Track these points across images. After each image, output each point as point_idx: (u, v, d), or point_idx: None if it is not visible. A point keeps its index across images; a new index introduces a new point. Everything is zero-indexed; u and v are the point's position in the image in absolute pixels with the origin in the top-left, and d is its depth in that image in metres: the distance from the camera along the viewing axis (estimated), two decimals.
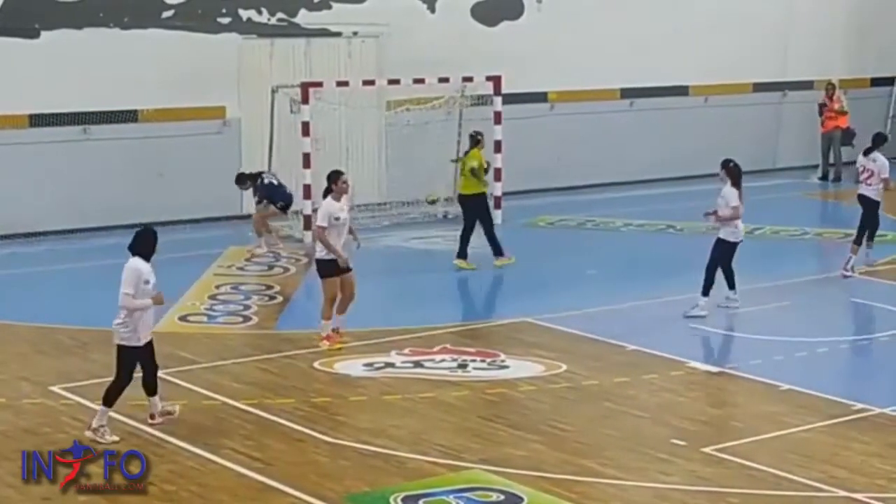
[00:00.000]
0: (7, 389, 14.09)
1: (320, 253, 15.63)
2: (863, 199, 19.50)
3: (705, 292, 17.12)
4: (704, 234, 21.95)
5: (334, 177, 15.63)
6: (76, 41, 22.44)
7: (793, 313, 17.53)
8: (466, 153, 20.35)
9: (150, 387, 12.71)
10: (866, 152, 19.66)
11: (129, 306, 12.29)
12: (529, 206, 24.40)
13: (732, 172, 17.15)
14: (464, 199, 20.29)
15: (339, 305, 15.70)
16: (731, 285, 17.36)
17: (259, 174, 21.64)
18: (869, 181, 19.41)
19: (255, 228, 21.45)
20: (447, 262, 20.22)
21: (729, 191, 17.04)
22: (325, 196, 15.68)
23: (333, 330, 15.70)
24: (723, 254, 17.18)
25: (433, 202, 23.94)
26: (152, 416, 12.76)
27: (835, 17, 30.04)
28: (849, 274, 19.12)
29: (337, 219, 15.43)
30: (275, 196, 21.30)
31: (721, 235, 17.20)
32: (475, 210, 20.08)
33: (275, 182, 21.49)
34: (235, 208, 23.06)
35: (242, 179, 21.68)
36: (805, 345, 15.85)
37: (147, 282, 12.34)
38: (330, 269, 15.53)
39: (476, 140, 20.37)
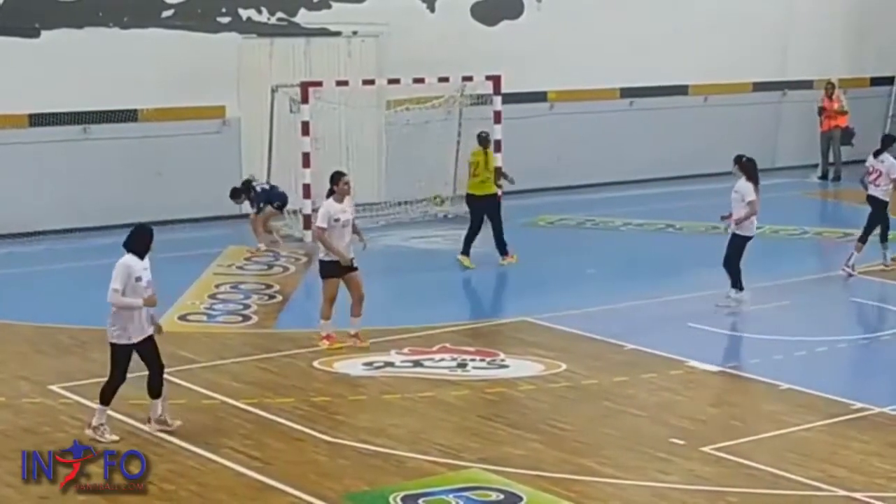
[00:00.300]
0: (6, 388, 14.09)
1: (321, 254, 15.61)
2: (872, 199, 19.62)
3: (739, 287, 17.20)
4: (704, 233, 22.04)
5: (336, 178, 15.58)
6: (76, 41, 22.45)
7: (792, 312, 17.53)
8: (486, 153, 20.24)
9: (152, 389, 12.54)
10: (876, 154, 19.79)
11: (117, 303, 12.18)
12: (529, 206, 24.39)
13: (746, 167, 17.18)
14: (475, 199, 20.21)
15: (353, 308, 15.57)
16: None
17: (248, 183, 21.51)
18: (877, 182, 19.53)
19: (254, 229, 21.42)
20: (447, 261, 20.22)
21: (744, 185, 17.06)
22: (328, 197, 15.64)
23: (353, 335, 15.59)
24: (735, 249, 17.18)
25: (441, 203, 23.82)
26: (149, 420, 12.66)
27: (834, 17, 30.04)
28: (849, 271, 19.13)
29: (336, 220, 15.38)
30: (272, 198, 21.32)
31: (736, 230, 17.19)
32: (486, 210, 20.06)
33: (266, 186, 21.49)
34: (235, 208, 23.00)
35: (237, 194, 21.54)
36: (804, 344, 15.85)
37: (139, 279, 12.21)
38: (331, 270, 15.50)
39: (489, 140, 20.43)
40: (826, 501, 11.22)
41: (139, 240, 12.40)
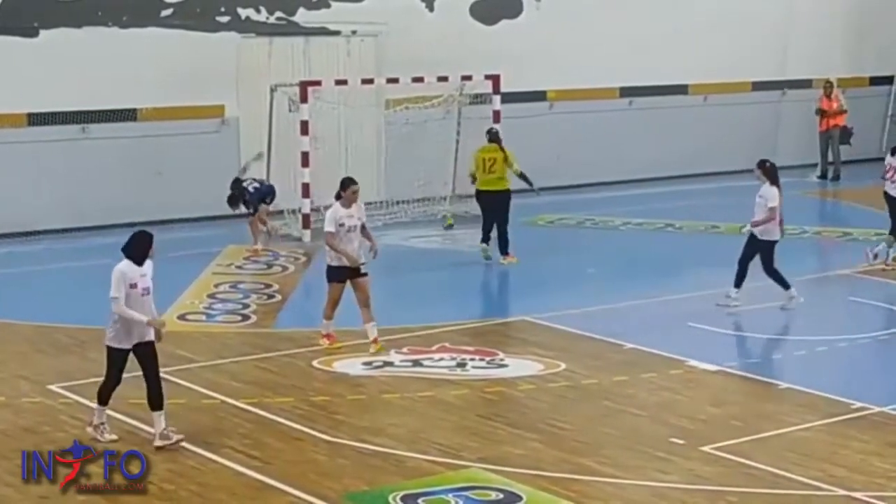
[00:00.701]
0: (6, 388, 14.09)
1: (329, 258, 15.51)
2: (888, 197, 19.73)
3: (785, 286, 17.25)
4: (703, 232, 22.05)
5: (345, 185, 15.45)
6: (75, 40, 22.44)
7: (792, 312, 17.50)
8: (503, 150, 20.21)
9: (151, 401, 12.23)
10: (893, 152, 19.97)
11: (118, 312, 12.01)
12: (528, 205, 24.32)
13: (769, 171, 17.27)
14: (486, 195, 20.18)
15: (363, 314, 15.40)
16: (738, 284, 17.36)
17: (238, 184, 21.34)
18: (894, 179, 19.61)
19: (253, 231, 21.36)
20: (446, 261, 20.24)
21: (768, 190, 17.14)
22: (336, 199, 15.55)
23: (373, 340, 15.43)
24: (756, 250, 17.23)
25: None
26: (154, 437, 12.25)
27: (834, 17, 30.05)
28: (870, 258, 19.28)
29: (342, 224, 15.30)
30: (264, 195, 21.20)
31: (762, 236, 17.21)
32: (497, 206, 20.03)
33: (256, 184, 21.33)
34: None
35: (234, 200, 21.27)
36: (804, 343, 15.85)
37: (134, 285, 12.01)
38: (337, 275, 15.40)
39: (500, 137, 20.50)
40: (826, 501, 11.21)
41: (136, 245, 12.19)
